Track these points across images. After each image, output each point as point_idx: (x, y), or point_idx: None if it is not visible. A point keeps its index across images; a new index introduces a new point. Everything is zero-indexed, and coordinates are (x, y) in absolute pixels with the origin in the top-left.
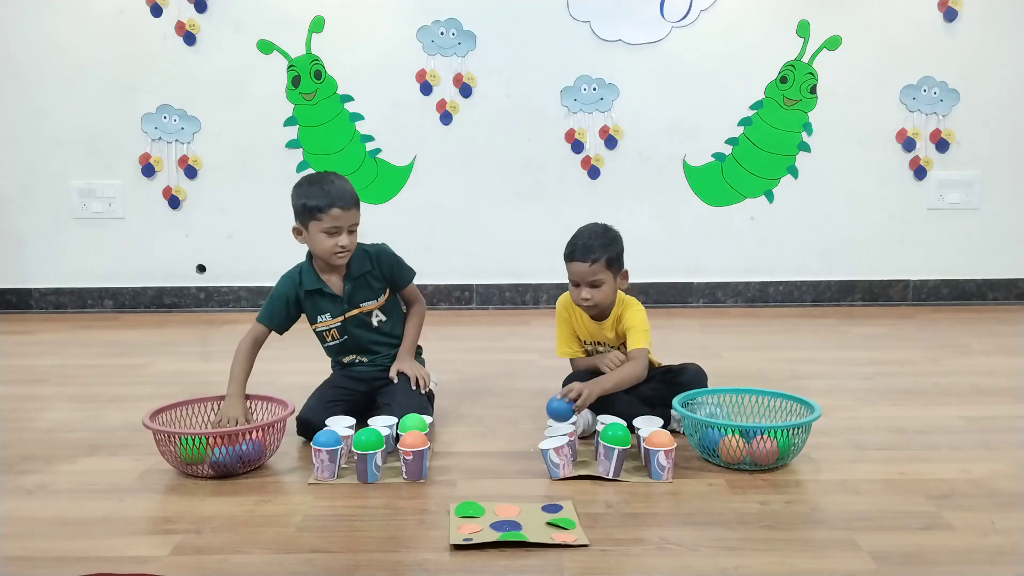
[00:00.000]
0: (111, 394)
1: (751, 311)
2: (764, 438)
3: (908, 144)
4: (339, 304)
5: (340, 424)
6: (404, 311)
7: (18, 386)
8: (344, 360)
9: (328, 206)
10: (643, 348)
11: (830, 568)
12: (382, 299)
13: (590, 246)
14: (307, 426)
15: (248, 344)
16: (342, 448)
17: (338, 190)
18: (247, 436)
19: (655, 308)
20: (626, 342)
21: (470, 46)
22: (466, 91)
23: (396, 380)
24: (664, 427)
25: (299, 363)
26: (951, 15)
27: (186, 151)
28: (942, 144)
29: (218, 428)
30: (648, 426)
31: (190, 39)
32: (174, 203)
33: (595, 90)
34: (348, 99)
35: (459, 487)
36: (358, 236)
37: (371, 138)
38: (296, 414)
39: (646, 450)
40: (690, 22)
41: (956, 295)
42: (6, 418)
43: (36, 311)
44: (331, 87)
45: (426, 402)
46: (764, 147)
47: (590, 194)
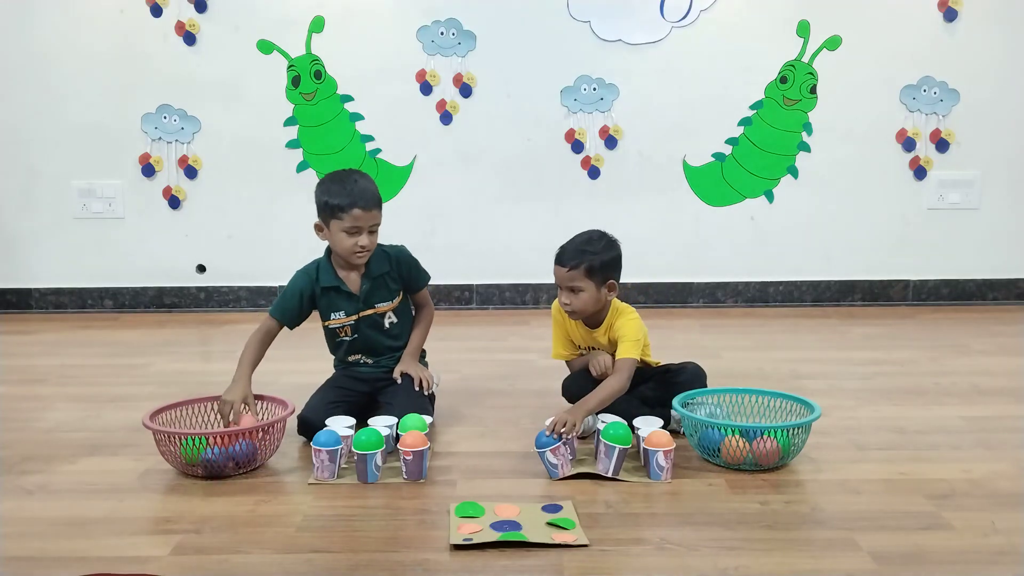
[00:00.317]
0: (111, 394)
1: (751, 311)
2: (765, 438)
3: (908, 144)
4: (355, 303)
5: (340, 424)
6: (412, 314)
7: (18, 386)
8: (349, 359)
9: (350, 206)
10: (629, 359)
11: (830, 568)
12: (396, 300)
13: (573, 251)
14: (308, 426)
15: (258, 338)
16: (342, 448)
17: (361, 190)
18: (244, 437)
19: (655, 308)
20: (618, 352)
21: (470, 46)
22: (466, 91)
23: (400, 381)
24: (664, 427)
25: (299, 363)
26: (951, 15)
27: (186, 151)
28: (942, 144)
29: (218, 412)
30: (647, 426)
31: (190, 39)
32: (174, 203)
33: (595, 90)
34: (348, 99)
35: (459, 487)
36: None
37: (371, 138)
38: (297, 414)
39: (645, 450)
40: (690, 22)
41: (956, 295)
42: (6, 418)
43: (36, 311)
44: (331, 87)
45: (427, 403)
46: (764, 147)
47: (590, 194)
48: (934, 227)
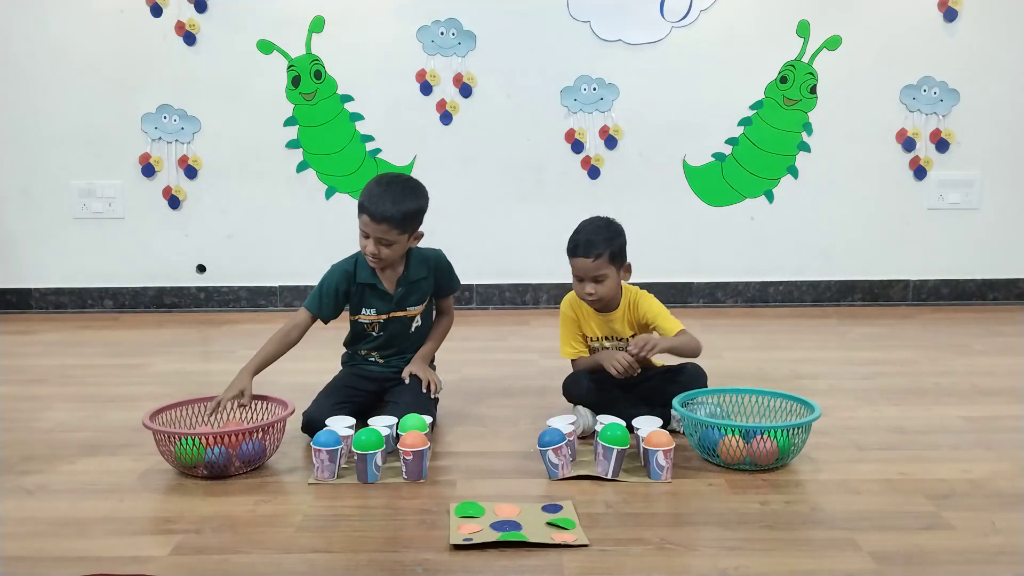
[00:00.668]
0: (111, 394)
1: (751, 311)
2: (764, 438)
3: (908, 144)
4: (387, 303)
5: (340, 424)
6: (433, 319)
7: (18, 386)
8: (362, 352)
9: (362, 211)
10: (681, 328)
11: (830, 568)
12: (425, 304)
13: (593, 241)
14: (314, 426)
15: (284, 331)
16: (342, 448)
17: (379, 202)
18: (242, 438)
19: None
20: (659, 330)
21: (470, 46)
22: (466, 91)
23: (408, 381)
24: (664, 427)
25: (299, 363)
26: (951, 15)
27: (186, 151)
28: (942, 144)
29: (218, 403)
30: (647, 426)
31: (190, 39)
32: (174, 203)
33: (595, 90)
34: (348, 99)
35: (459, 487)
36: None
37: (371, 138)
38: (302, 412)
39: (645, 450)
40: (690, 22)
41: (956, 295)
42: (6, 418)
43: (36, 311)
44: (331, 87)
45: (431, 405)
46: (764, 147)
47: (590, 194)
48: (934, 227)
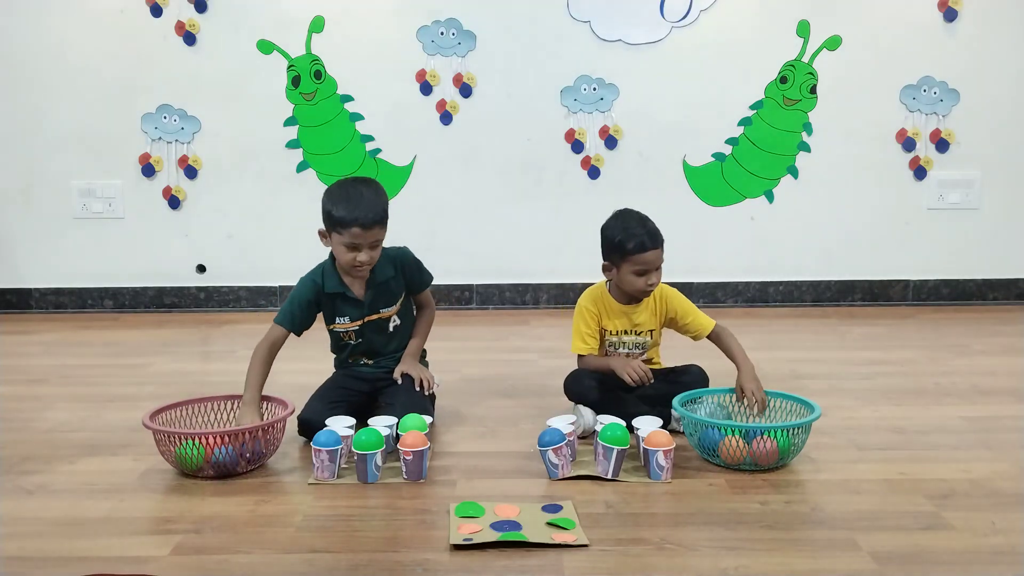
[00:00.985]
0: (111, 394)
1: (751, 311)
2: (764, 438)
3: (908, 144)
4: (360, 309)
5: (340, 424)
6: (414, 315)
7: (18, 386)
8: (350, 360)
9: (351, 222)
10: (717, 324)
11: (830, 568)
12: (399, 304)
13: (655, 231)
14: (309, 426)
15: (265, 349)
16: (342, 448)
17: (364, 206)
18: (237, 439)
19: None
20: (690, 328)
21: (470, 46)
22: (466, 91)
23: (400, 381)
24: (664, 427)
25: (299, 363)
26: (951, 15)
27: (186, 151)
28: (942, 144)
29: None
30: (647, 426)
31: (190, 39)
32: (174, 203)
33: (595, 90)
34: (348, 99)
35: (459, 487)
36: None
37: (371, 138)
38: (297, 414)
39: (645, 450)
40: (690, 22)
41: (956, 295)
42: (6, 418)
43: (36, 311)
44: (331, 87)
45: (428, 403)
46: (764, 147)
47: (590, 194)
48: (934, 227)
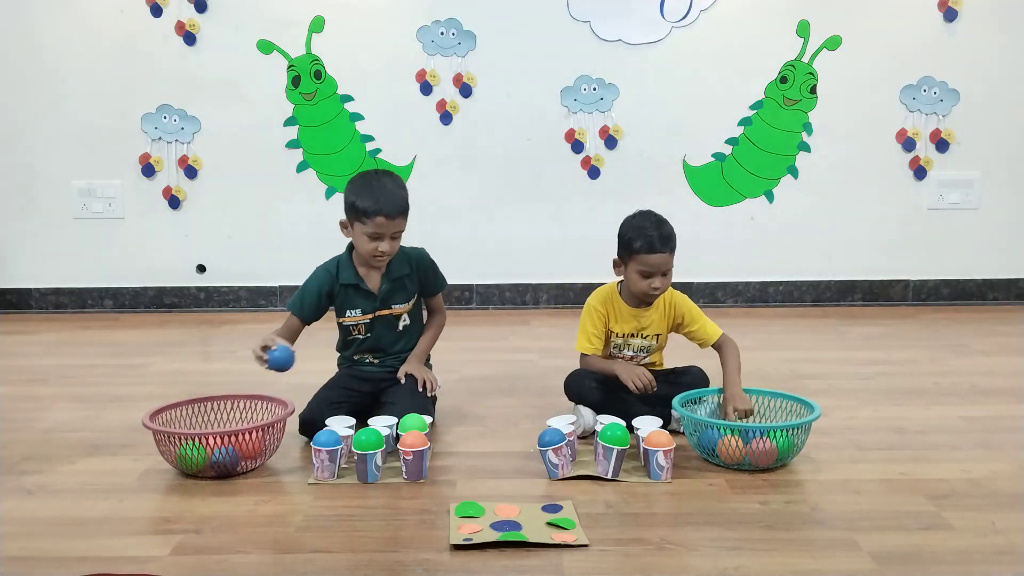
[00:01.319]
0: (111, 394)
1: (751, 311)
2: (763, 439)
3: (908, 144)
4: (372, 302)
5: (340, 424)
6: (423, 319)
7: (18, 386)
8: (355, 357)
9: (375, 212)
10: (723, 333)
11: (830, 568)
12: (412, 303)
13: (668, 235)
14: (310, 426)
15: (282, 334)
16: (342, 448)
17: (387, 197)
18: (231, 440)
19: None
20: (697, 335)
21: (470, 46)
22: (466, 91)
23: (403, 381)
24: (664, 427)
25: (299, 363)
26: (951, 15)
27: (186, 151)
28: (942, 144)
29: (255, 358)
30: (647, 426)
31: (190, 39)
32: (174, 203)
33: (595, 90)
34: (348, 99)
35: (459, 487)
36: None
37: (371, 138)
38: (298, 414)
39: (645, 450)
40: (690, 22)
41: (956, 295)
42: (6, 418)
43: (36, 311)
44: (331, 87)
45: (429, 404)
46: (764, 147)
47: (590, 194)
48: (934, 227)
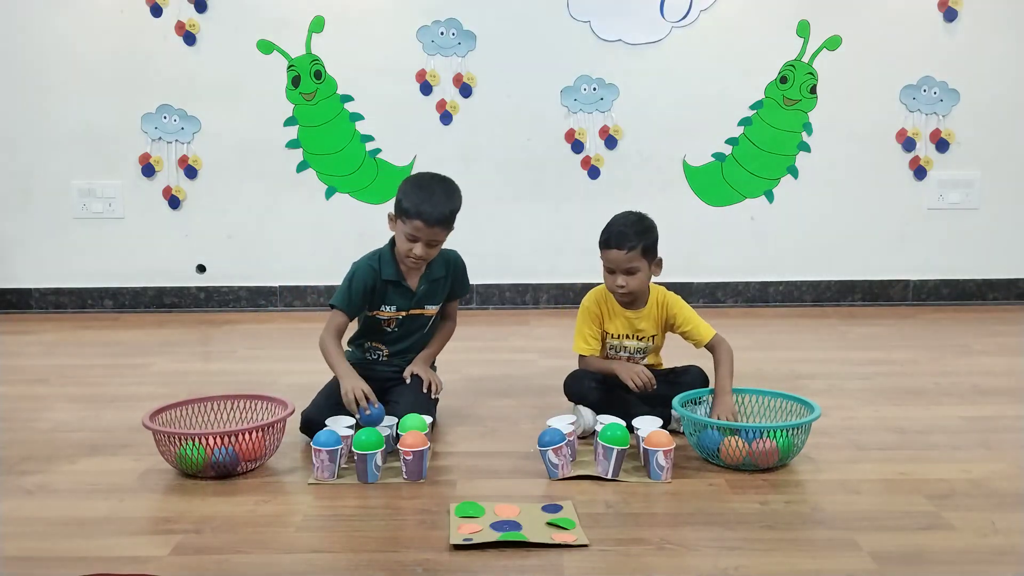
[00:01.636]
0: (111, 394)
1: (751, 311)
2: (764, 439)
3: (908, 144)
4: (408, 300)
5: (340, 424)
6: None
7: (18, 386)
8: (372, 343)
9: (415, 215)
10: (716, 334)
11: (830, 568)
12: (440, 305)
13: (626, 233)
14: (313, 425)
15: (333, 333)
16: (342, 448)
17: (431, 204)
18: (231, 440)
19: None
20: (690, 336)
21: (470, 46)
22: (466, 91)
23: (408, 381)
24: (664, 427)
25: (299, 363)
26: (951, 15)
27: (186, 151)
28: (942, 144)
29: (349, 401)
30: (647, 426)
31: (190, 39)
32: (174, 203)
33: (595, 90)
34: (348, 99)
35: (459, 487)
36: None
37: (371, 138)
38: (301, 412)
39: (645, 450)
40: (690, 22)
41: (956, 295)
42: (6, 418)
43: (36, 311)
44: (331, 87)
45: (432, 405)
46: (764, 147)
47: (590, 194)
48: (934, 227)
